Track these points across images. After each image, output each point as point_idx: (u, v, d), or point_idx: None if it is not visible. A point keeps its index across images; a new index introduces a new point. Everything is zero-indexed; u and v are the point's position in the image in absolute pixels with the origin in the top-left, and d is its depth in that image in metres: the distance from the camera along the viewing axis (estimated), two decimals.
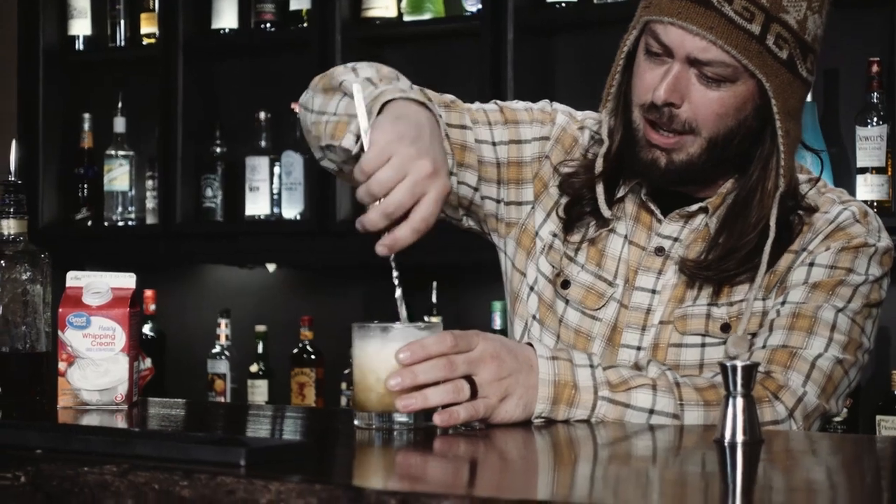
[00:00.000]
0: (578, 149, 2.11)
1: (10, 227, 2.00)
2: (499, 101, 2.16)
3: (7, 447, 1.48)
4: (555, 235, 2.08)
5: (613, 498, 1.29)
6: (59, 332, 1.88)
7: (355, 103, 1.78)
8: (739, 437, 1.54)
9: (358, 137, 1.83)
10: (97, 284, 1.90)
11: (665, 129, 1.93)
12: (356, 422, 1.69)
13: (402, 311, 1.73)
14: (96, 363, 1.88)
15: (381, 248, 1.73)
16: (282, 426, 1.87)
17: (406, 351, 1.66)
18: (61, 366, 1.88)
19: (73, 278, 1.91)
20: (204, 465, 1.34)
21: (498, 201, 2.11)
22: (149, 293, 4.20)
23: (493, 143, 2.10)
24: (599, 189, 2.03)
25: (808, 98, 3.27)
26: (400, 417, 1.66)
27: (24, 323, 1.98)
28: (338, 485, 1.27)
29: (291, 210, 3.98)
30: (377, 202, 1.72)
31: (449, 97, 2.11)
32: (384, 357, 1.67)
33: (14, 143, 2.06)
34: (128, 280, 1.92)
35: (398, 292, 1.73)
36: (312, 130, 2.00)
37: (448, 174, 1.78)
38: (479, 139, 2.09)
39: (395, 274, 1.74)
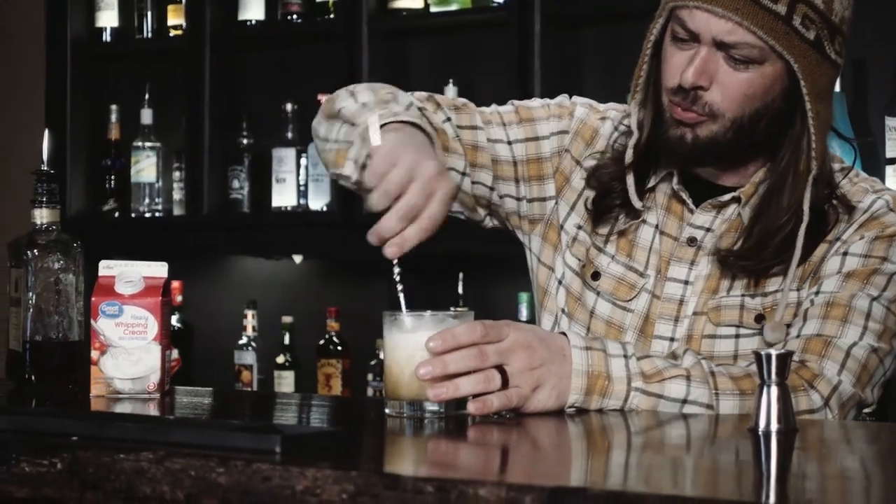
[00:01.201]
0: (600, 139, 2.11)
1: (43, 216, 2.01)
2: (515, 101, 2.17)
3: (43, 434, 1.48)
4: (579, 227, 2.09)
5: (647, 485, 1.29)
6: (92, 321, 1.88)
7: (363, 125, 1.81)
8: (774, 426, 1.53)
9: (355, 163, 1.87)
10: (129, 273, 1.91)
11: (689, 110, 1.94)
12: (387, 410, 1.69)
13: (403, 306, 1.74)
14: (129, 352, 1.88)
15: (390, 249, 1.74)
16: (312, 415, 1.87)
17: (436, 339, 1.67)
18: (94, 354, 1.88)
19: (106, 267, 1.92)
20: (239, 452, 1.34)
21: (518, 199, 2.12)
22: (175, 284, 4.20)
23: (509, 142, 2.11)
24: (630, 180, 2.03)
25: (837, 88, 3.26)
26: (431, 406, 1.67)
27: (57, 312, 1.98)
28: (374, 471, 1.27)
29: (318, 201, 3.99)
30: (387, 209, 1.74)
31: (461, 100, 2.14)
32: (415, 346, 1.68)
33: (46, 132, 2.07)
34: (160, 269, 1.93)
35: (400, 287, 1.75)
36: (321, 156, 2.07)
37: (449, 176, 1.81)
38: (492, 138, 2.10)
39: (396, 271, 1.75)
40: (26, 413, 1.67)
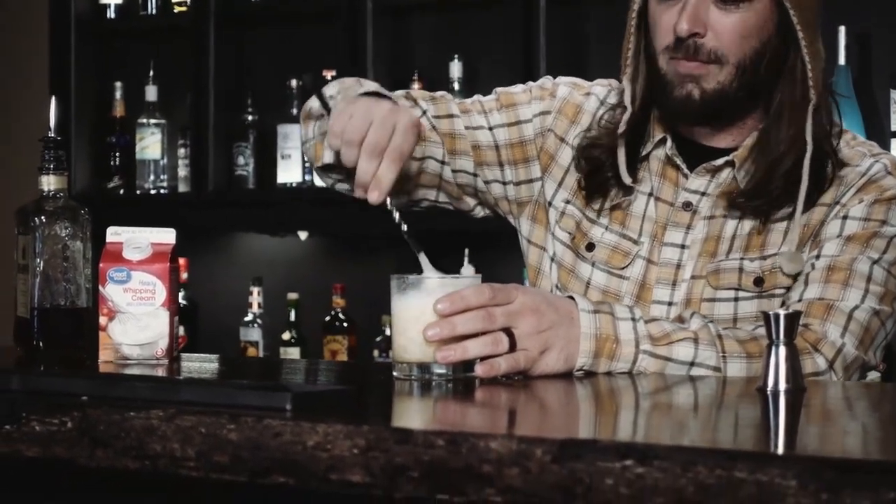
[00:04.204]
0: (584, 115, 2.13)
1: (50, 182, 2.01)
2: (498, 89, 2.20)
3: (53, 394, 1.49)
4: (568, 202, 2.10)
5: (657, 438, 1.29)
6: (100, 287, 1.88)
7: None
8: (782, 386, 1.54)
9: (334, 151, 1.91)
10: (137, 239, 1.91)
11: (693, 59, 1.95)
12: (395, 373, 1.70)
13: (415, 248, 1.77)
14: (137, 318, 1.88)
15: (372, 195, 1.79)
16: (320, 378, 1.87)
17: (445, 301, 1.67)
18: (102, 320, 1.88)
19: (114, 233, 1.92)
20: (250, 410, 1.34)
21: (505, 183, 2.14)
22: (181, 261, 4.20)
23: (490, 128, 2.13)
24: (621, 156, 2.03)
25: (842, 61, 3.26)
26: (438, 369, 1.67)
27: (65, 279, 1.98)
28: (385, 426, 1.27)
29: None
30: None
31: (439, 92, 2.19)
32: (423, 308, 1.68)
33: (53, 99, 2.07)
34: (167, 235, 1.93)
35: (404, 227, 1.78)
36: (307, 159, 2.11)
37: (408, 110, 1.86)
38: (471, 125, 2.12)
39: (396, 217, 1.79)
40: (36, 373, 1.67)
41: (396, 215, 1.78)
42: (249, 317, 4.16)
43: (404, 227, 1.77)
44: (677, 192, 2.04)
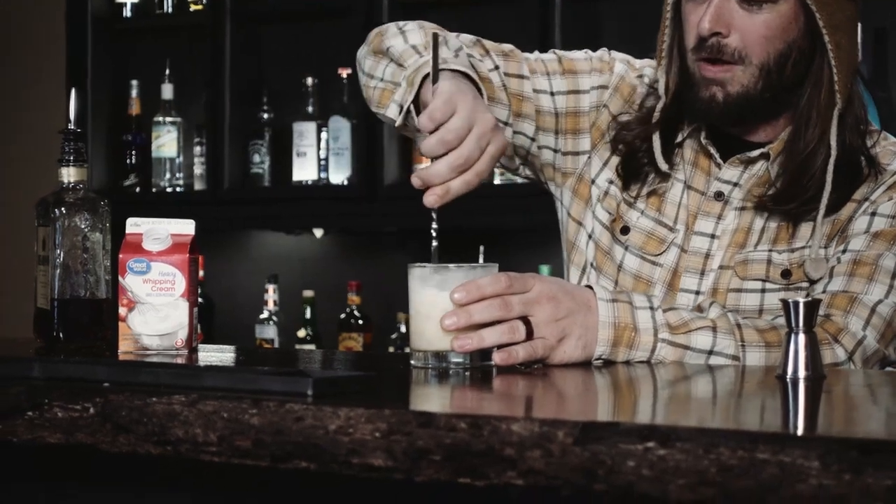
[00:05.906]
0: (638, 97, 2.12)
1: (70, 174, 2.01)
2: (557, 51, 2.17)
3: (76, 380, 1.49)
4: (611, 182, 2.09)
5: (674, 420, 1.29)
6: (120, 278, 1.89)
7: (430, 55, 1.80)
8: (801, 373, 1.54)
9: (401, 108, 1.86)
10: (157, 230, 1.91)
11: (717, 61, 1.94)
12: (412, 361, 1.70)
13: (433, 249, 1.74)
14: (156, 308, 1.89)
15: (431, 197, 1.73)
16: (338, 367, 1.87)
17: (461, 291, 1.67)
18: (122, 311, 1.89)
19: (133, 224, 1.92)
20: (271, 396, 1.35)
21: (555, 151, 2.13)
22: None
23: (552, 93, 2.11)
24: (656, 144, 2.03)
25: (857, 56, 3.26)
26: (455, 357, 1.67)
27: (85, 270, 1.99)
28: (407, 409, 1.27)
29: (339, 175, 4.00)
30: (443, 155, 1.72)
31: (507, 46, 2.13)
32: (440, 297, 1.68)
33: (73, 92, 2.08)
34: (187, 226, 1.93)
35: (434, 244, 1.74)
36: (363, 91, 2.06)
37: (503, 132, 1.80)
38: (537, 89, 2.10)
39: (433, 226, 1.74)
40: (58, 360, 1.68)
41: (434, 216, 1.74)
42: (265, 314, 4.17)
43: (435, 226, 1.74)
44: (709, 181, 2.04)
